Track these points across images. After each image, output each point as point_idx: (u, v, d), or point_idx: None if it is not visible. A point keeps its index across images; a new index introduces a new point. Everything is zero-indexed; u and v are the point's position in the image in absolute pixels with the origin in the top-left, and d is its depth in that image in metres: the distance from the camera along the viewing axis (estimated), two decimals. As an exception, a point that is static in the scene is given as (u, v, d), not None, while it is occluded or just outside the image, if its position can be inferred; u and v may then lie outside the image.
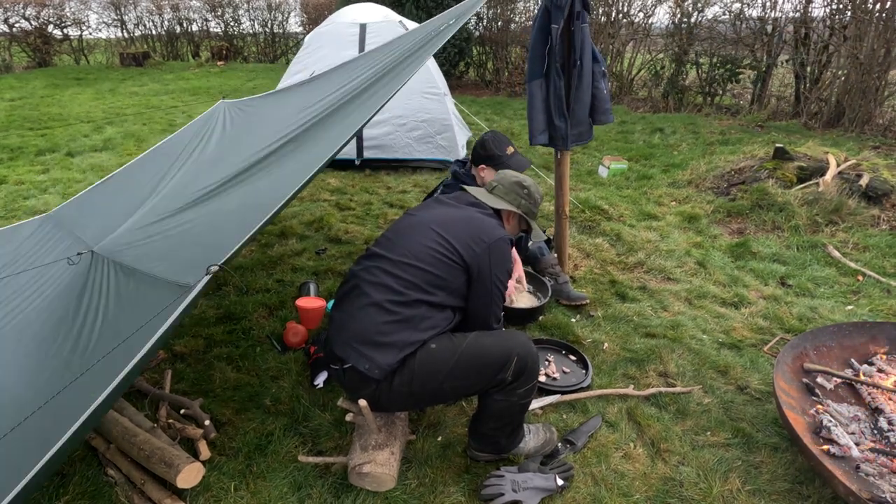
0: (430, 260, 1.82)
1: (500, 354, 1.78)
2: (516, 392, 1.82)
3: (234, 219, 2.14)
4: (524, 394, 1.84)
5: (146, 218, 2.54)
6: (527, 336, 1.92)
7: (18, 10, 12.77)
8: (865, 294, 3.21)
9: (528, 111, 2.88)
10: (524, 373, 1.80)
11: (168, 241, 2.22)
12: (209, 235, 2.13)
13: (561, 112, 2.82)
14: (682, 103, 8.52)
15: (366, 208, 4.55)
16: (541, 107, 2.84)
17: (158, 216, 2.47)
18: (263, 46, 14.85)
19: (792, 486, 1.93)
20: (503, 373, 1.77)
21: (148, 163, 3.22)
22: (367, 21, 5.38)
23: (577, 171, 5.54)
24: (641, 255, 3.68)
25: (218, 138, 3.28)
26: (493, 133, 2.82)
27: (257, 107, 3.56)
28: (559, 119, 2.83)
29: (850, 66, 6.72)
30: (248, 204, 2.22)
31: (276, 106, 3.38)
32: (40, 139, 6.61)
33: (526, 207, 2.13)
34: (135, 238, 2.34)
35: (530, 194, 2.14)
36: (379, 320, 1.76)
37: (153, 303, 1.71)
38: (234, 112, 3.56)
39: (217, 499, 1.85)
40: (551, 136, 2.90)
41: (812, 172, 4.52)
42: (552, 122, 2.86)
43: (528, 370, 1.81)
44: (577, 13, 2.65)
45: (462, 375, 1.78)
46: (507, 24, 10.51)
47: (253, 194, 2.30)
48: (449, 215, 1.97)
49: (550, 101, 2.82)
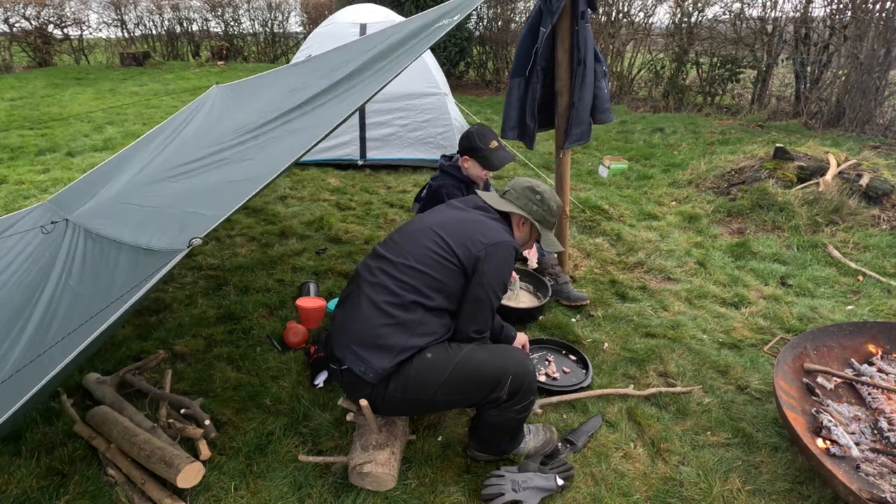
0: (429, 262, 1.80)
1: (495, 373, 1.75)
2: (512, 409, 1.81)
3: (215, 192, 2.15)
4: (521, 410, 1.83)
5: (125, 189, 2.54)
6: (524, 353, 1.89)
7: (19, 10, 12.76)
8: (866, 294, 3.21)
9: (504, 105, 2.95)
10: (519, 392, 1.78)
11: (143, 210, 2.20)
12: (188, 205, 2.12)
13: (533, 113, 2.87)
14: (683, 103, 8.52)
15: (366, 208, 4.55)
16: (516, 104, 2.89)
17: (137, 187, 2.46)
18: (263, 46, 14.83)
19: (792, 486, 1.93)
20: (497, 391, 1.75)
21: (139, 144, 3.25)
22: (367, 21, 5.39)
23: (577, 170, 5.54)
24: (641, 255, 3.68)
25: (206, 115, 3.30)
26: (479, 126, 2.84)
27: (249, 87, 3.57)
28: (530, 119, 2.89)
29: (850, 65, 6.72)
30: (230, 179, 2.20)
31: (267, 85, 3.38)
32: (40, 139, 6.61)
33: (539, 214, 2.03)
34: (110, 207, 2.32)
35: (543, 200, 2.03)
36: (377, 323, 1.76)
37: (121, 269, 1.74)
38: (225, 93, 3.58)
39: (217, 498, 1.85)
40: (521, 132, 2.95)
41: (812, 172, 4.52)
42: (523, 121, 2.91)
43: (524, 389, 1.78)
44: (582, 13, 2.64)
45: (455, 389, 1.76)
46: (507, 23, 10.51)
47: (238, 171, 2.28)
48: (452, 217, 1.94)
49: (526, 100, 2.86)
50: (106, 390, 2.24)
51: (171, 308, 3.00)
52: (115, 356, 2.58)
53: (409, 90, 5.17)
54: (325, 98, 2.47)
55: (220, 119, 3.15)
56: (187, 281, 3.31)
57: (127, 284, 1.62)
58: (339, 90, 2.46)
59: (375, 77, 2.30)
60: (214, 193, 2.12)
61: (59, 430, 2.12)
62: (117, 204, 2.36)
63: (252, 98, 3.26)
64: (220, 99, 3.52)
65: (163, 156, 2.88)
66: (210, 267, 3.47)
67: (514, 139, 2.98)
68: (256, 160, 2.28)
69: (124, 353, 2.61)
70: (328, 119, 2.14)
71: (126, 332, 2.78)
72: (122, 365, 2.48)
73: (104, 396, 2.22)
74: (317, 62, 3.22)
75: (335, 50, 3.21)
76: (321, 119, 2.25)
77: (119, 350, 2.63)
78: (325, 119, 2.20)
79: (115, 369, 2.43)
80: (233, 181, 2.15)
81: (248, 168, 2.24)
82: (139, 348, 2.64)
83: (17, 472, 1.92)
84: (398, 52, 2.40)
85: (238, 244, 3.82)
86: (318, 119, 2.29)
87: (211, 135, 2.83)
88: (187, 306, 3.02)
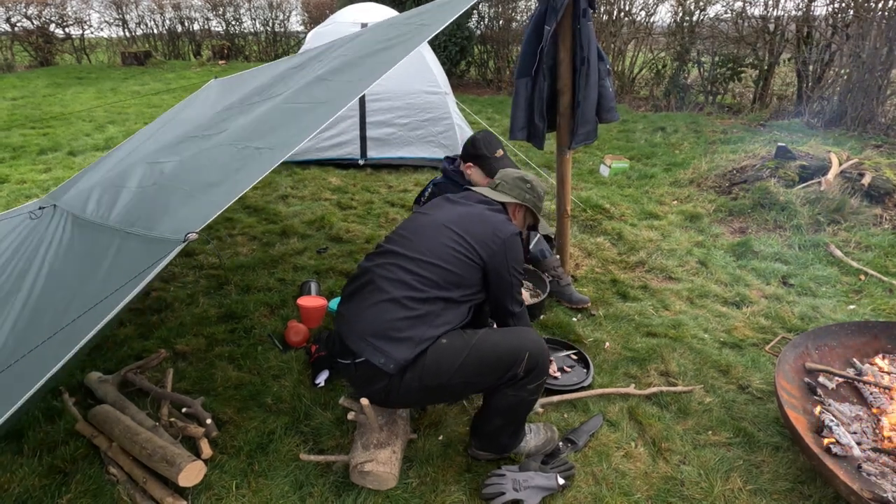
0: (450, 259, 1.88)
1: (512, 351, 1.80)
2: (526, 388, 1.84)
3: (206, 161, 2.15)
4: (534, 389, 1.86)
5: (113, 171, 2.54)
6: (537, 333, 1.96)
7: (20, 10, 12.78)
8: (867, 293, 3.21)
9: (512, 106, 2.94)
10: (536, 368, 1.82)
11: (130, 193, 2.20)
12: (177, 182, 2.11)
13: (541, 112, 2.86)
14: (684, 102, 8.51)
15: (367, 207, 4.55)
16: (524, 105, 2.88)
17: (126, 167, 2.45)
18: (265, 45, 14.83)
19: (793, 486, 1.93)
20: (515, 368, 1.79)
21: (134, 136, 3.27)
22: (368, 21, 5.39)
23: (578, 170, 5.53)
24: (643, 255, 3.67)
25: (202, 102, 3.31)
26: (486, 133, 2.84)
27: (248, 75, 3.59)
28: (539, 119, 2.88)
29: (852, 64, 6.70)
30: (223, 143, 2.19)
31: (268, 69, 3.38)
32: (42, 138, 6.62)
33: (531, 202, 2.22)
34: (98, 192, 2.31)
35: (533, 188, 2.23)
36: (395, 316, 1.78)
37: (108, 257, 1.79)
38: (223, 84, 3.61)
39: (219, 497, 1.86)
40: (530, 133, 2.94)
41: (814, 171, 4.51)
42: (532, 121, 2.90)
43: (541, 366, 1.83)
44: (583, 10, 2.64)
45: (473, 371, 1.79)
46: (508, 22, 10.50)
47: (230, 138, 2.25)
48: (462, 213, 2.03)
49: (534, 100, 2.84)
50: (107, 389, 2.25)
51: (173, 307, 3.01)
52: (117, 355, 2.59)
53: (409, 89, 5.17)
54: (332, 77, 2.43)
55: (216, 103, 3.14)
56: (188, 280, 3.31)
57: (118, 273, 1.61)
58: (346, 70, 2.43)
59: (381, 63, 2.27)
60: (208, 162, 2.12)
61: (60, 428, 2.12)
62: (107, 186, 2.34)
63: (252, 81, 3.25)
64: (217, 90, 3.54)
65: (155, 139, 2.86)
66: (211, 266, 3.48)
67: (523, 140, 2.96)
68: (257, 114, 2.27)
69: (126, 352, 2.62)
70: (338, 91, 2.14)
71: (127, 332, 2.79)
72: (123, 364, 2.49)
73: (106, 395, 2.22)
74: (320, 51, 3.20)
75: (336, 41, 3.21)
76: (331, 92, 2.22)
77: (120, 349, 2.64)
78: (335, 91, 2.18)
79: (117, 368, 2.44)
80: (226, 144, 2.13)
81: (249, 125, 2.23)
82: (141, 347, 2.65)
83: (19, 471, 1.92)
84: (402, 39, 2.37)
85: (239, 243, 3.83)
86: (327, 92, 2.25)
87: (205, 117, 2.82)
88: (188, 305, 3.03)
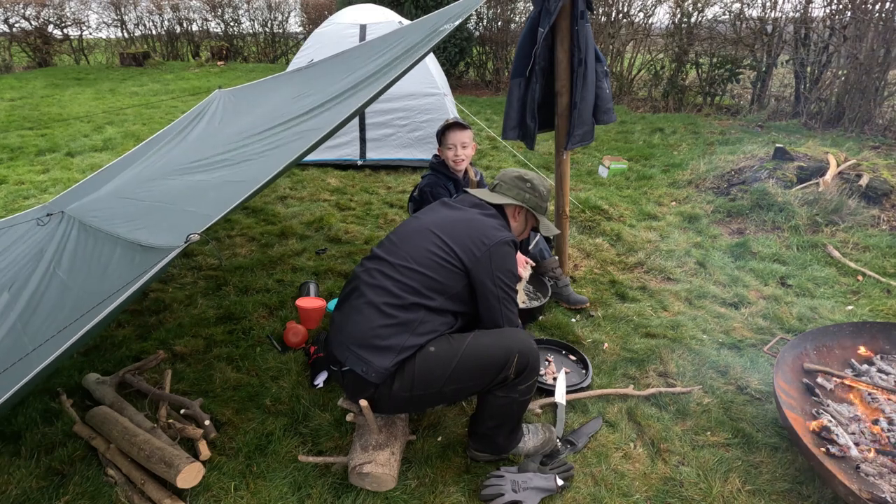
0: (429, 264, 1.81)
1: (501, 354, 1.78)
2: (517, 388, 1.83)
3: (212, 191, 2.16)
4: (525, 390, 1.85)
5: (124, 185, 2.57)
6: (526, 332, 1.92)
7: (18, 10, 12.77)
8: (865, 294, 3.21)
9: (505, 106, 2.97)
10: (526, 369, 1.80)
11: (140, 205, 2.23)
12: (183, 203, 2.14)
13: (533, 113, 2.88)
14: (682, 103, 8.52)
15: (366, 208, 4.55)
16: (516, 105, 2.91)
17: (137, 183, 2.49)
18: (263, 46, 14.84)
19: (792, 486, 1.93)
20: (505, 371, 1.78)
21: (143, 147, 3.29)
22: (367, 22, 5.40)
23: (577, 171, 5.54)
24: (641, 255, 3.68)
25: (209, 120, 3.34)
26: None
27: (252, 93, 3.60)
28: (531, 119, 2.90)
29: (849, 66, 6.72)
30: (231, 179, 2.22)
31: (270, 91, 3.41)
32: (40, 139, 6.61)
33: (532, 202, 2.09)
34: (107, 202, 2.35)
35: (534, 187, 2.09)
36: (376, 323, 1.76)
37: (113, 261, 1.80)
38: (228, 98, 3.62)
39: (217, 499, 1.85)
40: (522, 132, 2.97)
41: (812, 172, 4.52)
42: (524, 121, 2.92)
43: (530, 367, 1.81)
44: (581, 12, 2.64)
45: (464, 377, 1.77)
46: (506, 24, 10.51)
47: (239, 172, 2.29)
48: (450, 218, 1.95)
49: (527, 100, 2.87)
50: (106, 390, 2.24)
51: (171, 308, 3.00)
52: (115, 356, 2.58)
53: (408, 90, 5.18)
54: (331, 105, 2.49)
55: (223, 123, 3.19)
56: (187, 281, 3.31)
57: (119, 277, 1.62)
58: (344, 97, 2.48)
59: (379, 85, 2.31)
60: (214, 192, 2.12)
61: (58, 430, 2.12)
62: (115, 198, 2.38)
63: (257, 103, 3.30)
64: (223, 103, 3.56)
65: (165, 157, 2.91)
66: (210, 267, 3.48)
67: (516, 139, 2.99)
68: (258, 162, 2.29)
69: (124, 353, 2.61)
70: (331, 122, 2.17)
71: (126, 333, 2.78)
72: (121, 365, 2.48)
73: (104, 397, 2.22)
74: (320, 68, 3.24)
75: (338, 56, 3.23)
76: (325, 123, 2.27)
77: (119, 350, 2.63)
78: (329, 122, 2.22)
79: (115, 369, 2.43)
80: (234, 181, 2.16)
81: (249, 169, 2.24)
82: (139, 348, 2.65)
83: (17, 473, 1.92)
84: (401, 59, 2.41)
85: (238, 244, 3.82)
86: (322, 122, 2.32)
87: (214, 138, 2.86)
88: (187, 307, 3.02)
